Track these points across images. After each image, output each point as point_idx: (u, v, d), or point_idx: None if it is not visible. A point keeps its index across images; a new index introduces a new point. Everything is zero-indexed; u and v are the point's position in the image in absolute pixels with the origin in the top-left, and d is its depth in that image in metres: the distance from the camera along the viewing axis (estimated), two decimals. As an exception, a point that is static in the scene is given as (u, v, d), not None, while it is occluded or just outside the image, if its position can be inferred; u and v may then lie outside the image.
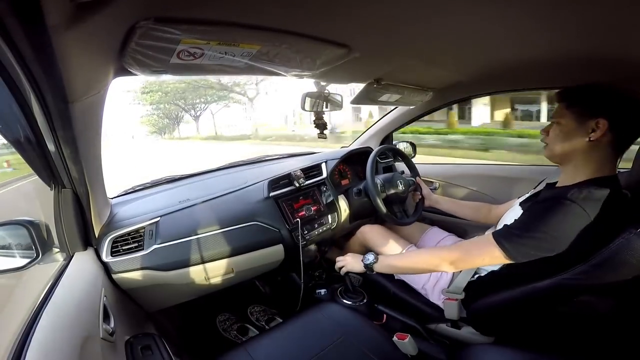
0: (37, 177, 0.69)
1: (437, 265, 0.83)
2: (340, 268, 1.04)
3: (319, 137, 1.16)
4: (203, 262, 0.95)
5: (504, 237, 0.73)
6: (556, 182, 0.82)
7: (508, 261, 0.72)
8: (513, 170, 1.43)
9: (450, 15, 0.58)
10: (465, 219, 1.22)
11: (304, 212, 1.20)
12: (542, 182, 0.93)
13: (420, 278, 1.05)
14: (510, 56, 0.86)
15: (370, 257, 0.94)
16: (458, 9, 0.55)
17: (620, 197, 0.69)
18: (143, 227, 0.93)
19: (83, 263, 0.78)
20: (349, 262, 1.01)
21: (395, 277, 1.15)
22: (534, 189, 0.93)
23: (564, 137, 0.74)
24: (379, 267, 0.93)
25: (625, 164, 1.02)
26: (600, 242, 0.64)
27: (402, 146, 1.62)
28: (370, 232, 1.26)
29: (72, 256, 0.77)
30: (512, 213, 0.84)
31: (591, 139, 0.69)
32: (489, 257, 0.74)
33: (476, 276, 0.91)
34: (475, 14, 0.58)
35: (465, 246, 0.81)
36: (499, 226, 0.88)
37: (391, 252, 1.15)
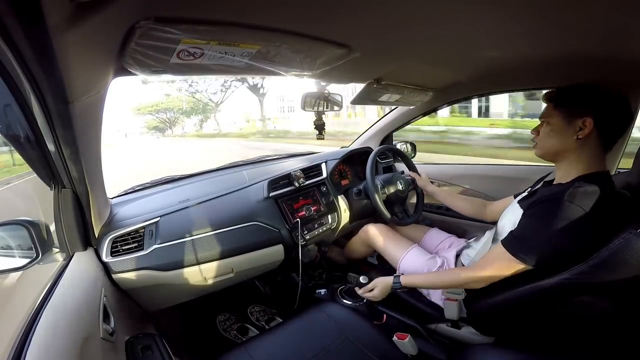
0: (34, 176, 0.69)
1: (470, 286, 0.85)
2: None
3: (317, 138, 1.17)
4: (203, 262, 0.95)
5: (520, 250, 0.74)
6: (553, 180, 0.83)
7: (528, 267, 0.74)
8: (511, 170, 1.43)
9: (450, 17, 0.58)
10: (460, 212, 1.23)
11: (304, 212, 1.20)
12: (539, 180, 0.93)
13: None
14: (510, 56, 0.86)
15: (397, 282, 0.98)
16: (458, 10, 0.55)
17: (613, 192, 0.71)
18: (143, 227, 0.93)
19: (83, 263, 0.78)
20: (381, 290, 1.02)
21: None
22: (531, 187, 0.93)
23: (554, 136, 0.77)
24: (405, 285, 0.97)
25: (625, 164, 1.03)
26: (597, 238, 0.65)
27: (402, 146, 1.62)
28: (374, 232, 1.26)
29: (72, 256, 0.77)
30: (511, 213, 0.84)
31: (579, 137, 0.72)
32: (514, 269, 0.76)
33: None
34: (474, 16, 0.58)
35: (491, 265, 0.80)
36: (500, 226, 0.88)
37: (395, 252, 1.16)
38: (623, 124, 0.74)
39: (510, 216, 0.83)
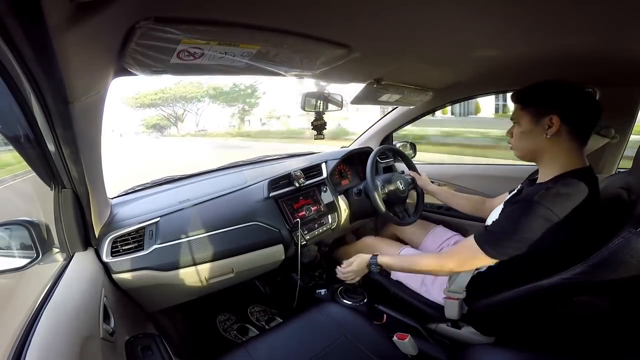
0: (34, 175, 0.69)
1: (437, 272, 0.89)
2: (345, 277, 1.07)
3: (315, 138, 1.17)
4: (203, 262, 0.95)
5: (485, 242, 0.77)
6: (536, 179, 0.84)
7: (495, 261, 0.77)
8: (511, 170, 1.43)
9: (450, 17, 0.58)
10: (459, 210, 1.24)
11: (304, 212, 1.20)
12: (527, 179, 0.94)
13: (418, 275, 1.06)
14: (510, 56, 0.87)
15: (374, 263, 0.99)
16: (457, 10, 0.55)
17: (594, 189, 0.71)
18: (143, 227, 0.93)
19: (83, 263, 0.78)
20: (357, 267, 1.04)
21: (393, 278, 1.15)
22: (521, 185, 0.94)
23: (525, 137, 0.78)
24: (383, 266, 0.99)
25: (625, 164, 1.03)
26: (575, 236, 0.67)
27: (402, 146, 1.62)
28: (372, 242, 1.28)
29: (72, 256, 0.77)
30: (496, 212, 0.85)
31: (548, 135, 0.73)
32: (479, 261, 0.79)
33: (476, 272, 0.92)
34: (474, 16, 0.58)
35: (458, 254, 0.84)
36: (487, 224, 0.89)
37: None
38: (591, 116, 0.74)
39: (495, 215, 0.84)
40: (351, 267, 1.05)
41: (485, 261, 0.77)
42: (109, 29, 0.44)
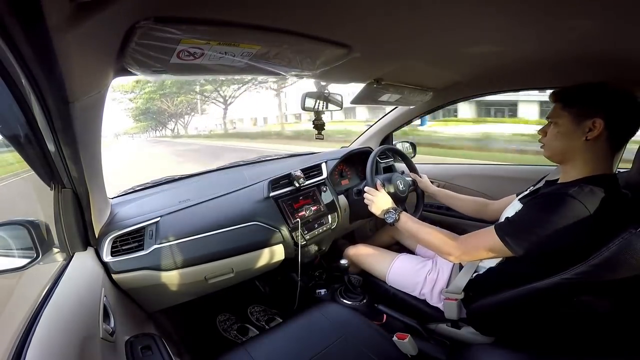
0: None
1: (446, 253, 0.85)
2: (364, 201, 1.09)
3: (316, 138, 1.17)
4: (203, 262, 0.95)
5: (506, 233, 0.74)
6: (556, 180, 0.82)
7: (511, 254, 0.74)
8: (513, 171, 1.43)
9: (450, 17, 0.58)
10: (461, 212, 1.23)
11: (304, 212, 1.20)
12: (541, 179, 0.93)
13: (416, 284, 1.05)
14: (509, 56, 0.87)
15: (391, 216, 0.99)
16: (458, 10, 0.55)
17: (619, 195, 0.70)
18: (143, 227, 0.93)
19: (83, 263, 0.78)
20: (376, 204, 1.05)
21: (389, 284, 1.14)
22: (534, 185, 0.93)
23: (562, 137, 0.75)
24: (398, 227, 0.99)
25: (625, 164, 1.03)
26: (599, 240, 0.64)
27: (402, 146, 1.62)
28: (354, 253, 1.26)
29: (72, 256, 0.77)
30: (512, 209, 0.84)
31: (588, 138, 0.70)
32: (494, 251, 0.76)
33: (474, 275, 0.91)
34: (474, 15, 0.58)
35: (473, 241, 0.81)
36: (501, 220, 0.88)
37: (381, 267, 1.16)
38: (634, 124, 0.71)
39: (511, 212, 0.82)
40: (375, 199, 1.06)
41: (500, 252, 0.74)
42: (109, 29, 0.44)
